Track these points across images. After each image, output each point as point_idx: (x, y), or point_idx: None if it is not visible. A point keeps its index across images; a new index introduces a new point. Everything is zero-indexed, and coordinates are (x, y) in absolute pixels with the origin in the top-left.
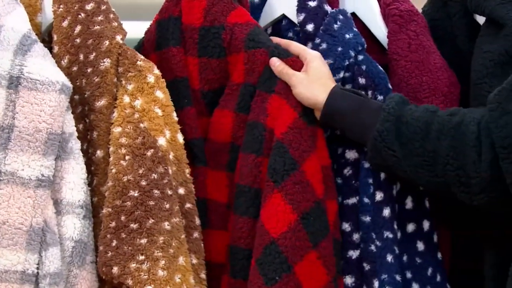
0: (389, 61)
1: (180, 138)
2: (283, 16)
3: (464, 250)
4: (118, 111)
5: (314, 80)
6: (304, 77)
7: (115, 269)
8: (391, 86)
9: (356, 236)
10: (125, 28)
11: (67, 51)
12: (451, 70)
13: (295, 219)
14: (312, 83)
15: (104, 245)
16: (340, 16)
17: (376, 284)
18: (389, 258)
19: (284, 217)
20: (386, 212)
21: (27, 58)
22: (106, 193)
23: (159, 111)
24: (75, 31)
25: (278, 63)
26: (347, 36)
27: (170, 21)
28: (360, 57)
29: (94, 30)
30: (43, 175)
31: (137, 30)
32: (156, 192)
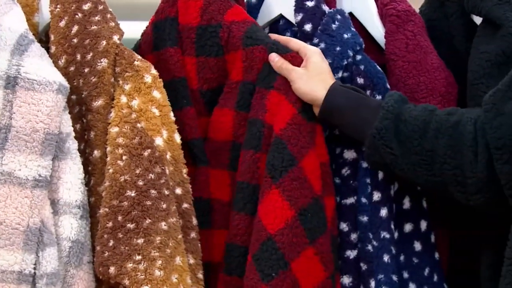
0: (386, 61)
1: (177, 138)
2: (281, 16)
3: (461, 250)
4: (115, 111)
5: (313, 75)
6: (304, 72)
7: (112, 269)
8: (389, 86)
9: (354, 236)
10: (122, 28)
11: (64, 51)
12: (449, 70)
13: (293, 215)
14: (312, 79)
15: (101, 245)
16: (338, 16)
17: (372, 284)
18: (386, 258)
19: (281, 213)
20: (383, 212)
21: (24, 58)
22: (103, 193)
23: (156, 111)
24: (72, 31)
25: (277, 58)
26: (345, 36)
27: (166, 22)
28: (358, 57)
29: (91, 30)
30: (40, 175)
31: (135, 30)
32: (153, 192)
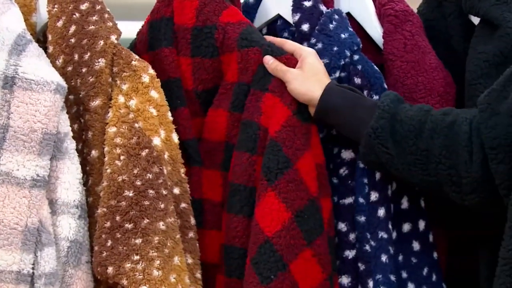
0: (384, 61)
1: (175, 138)
2: (278, 16)
3: (459, 249)
4: (113, 111)
5: (309, 76)
6: (299, 73)
7: (110, 269)
8: (386, 86)
9: (352, 236)
10: (120, 28)
11: (62, 51)
12: (447, 70)
13: (289, 217)
14: (307, 79)
15: (99, 245)
16: (336, 16)
17: (370, 284)
18: (384, 258)
19: (278, 215)
20: (381, 212)
21: (22, 58)
22: (101, 193)
23: (154, 111)
24: (70, 31)
25: (271, 60)
26: (342, 36)
27: (162, 22)
28: (355, 57)
29: (88, 30)
30: (38, 175)
31: (132, 30)
32: (151, 192)
